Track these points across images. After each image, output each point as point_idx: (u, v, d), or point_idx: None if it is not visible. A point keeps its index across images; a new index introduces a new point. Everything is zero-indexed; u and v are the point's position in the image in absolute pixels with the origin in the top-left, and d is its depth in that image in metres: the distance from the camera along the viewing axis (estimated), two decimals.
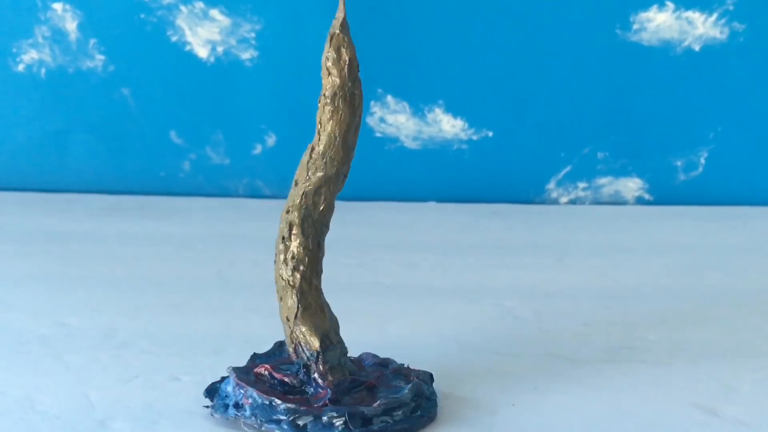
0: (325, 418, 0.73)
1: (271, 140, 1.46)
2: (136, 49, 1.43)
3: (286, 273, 0.76)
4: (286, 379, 0.76)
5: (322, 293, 0.78)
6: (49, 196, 1.44)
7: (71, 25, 1.43)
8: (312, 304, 0.77)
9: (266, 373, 0.77)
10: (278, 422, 0.73)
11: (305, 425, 0.73)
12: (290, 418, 0.73)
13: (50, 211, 1.38)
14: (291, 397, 0.75)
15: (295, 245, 0.77)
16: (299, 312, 0.76)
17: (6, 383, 0.83)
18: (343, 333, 0.87)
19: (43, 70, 1.44)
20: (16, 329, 0.95)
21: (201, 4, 1.42)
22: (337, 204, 1.42)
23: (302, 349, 0.76)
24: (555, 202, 1.47)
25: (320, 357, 0.76)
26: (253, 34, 1.43)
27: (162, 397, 0.81)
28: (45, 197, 1.44)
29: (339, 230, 1.32)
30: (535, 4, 1.42)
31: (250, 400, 0.74)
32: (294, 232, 0.77)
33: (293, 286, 0.76)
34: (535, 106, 1.45)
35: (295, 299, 0.76)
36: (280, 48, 1.43)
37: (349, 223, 1.36)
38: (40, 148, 1.46)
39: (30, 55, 1.44)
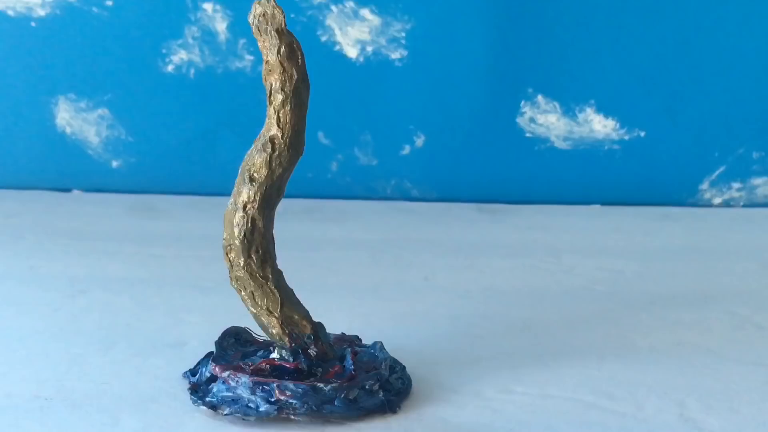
0: (367, 386, 0.78)
1: (419, 141, 1.44)
2: None
3: (255, 267, 0.78)
4: (297, 366, 0.79)
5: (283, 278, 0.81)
6: (200, 199, 1.44)
7: (221, 26, 1.42)
8: (289, 292, 0.81)
9: (267, 366, 0.79)
10: (331, 402, 0.76)
11: (355, 398, 0.77)
12: (341, 395, 0.77)
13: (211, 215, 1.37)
14: (314, 378, 0.79)
15: (259, 240, 0.78)
16: (284, 302, 0.79)
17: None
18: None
19: (192, 71, 1.44)
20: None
21: (351, 4, 1.41)
22: (489, 206, 1.43)
23: (297, 335, 0.80)
24: (708, 203, 1.45)
25: (317, 338, 0.80)
26: (403, 34, 1.41)
27: None
28: (197, 200, 1.43)
29: (490, 232, 1.32)
30: (689, 1, 1.40)
31: (288, 392, 0.76)
32: (258, 226, 0.78)
33: (267, 279, 0.79)
34: (689, 105, 1.42)
35: (276, 291, 0.79)
36: (430, 47, 1.42)
37: (502, 226, 1.34)
38: (189, 148, 1.45)
39: (179, 56, 1.43)
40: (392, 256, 1.19)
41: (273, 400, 0.76)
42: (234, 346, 0.84)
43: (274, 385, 0.77)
